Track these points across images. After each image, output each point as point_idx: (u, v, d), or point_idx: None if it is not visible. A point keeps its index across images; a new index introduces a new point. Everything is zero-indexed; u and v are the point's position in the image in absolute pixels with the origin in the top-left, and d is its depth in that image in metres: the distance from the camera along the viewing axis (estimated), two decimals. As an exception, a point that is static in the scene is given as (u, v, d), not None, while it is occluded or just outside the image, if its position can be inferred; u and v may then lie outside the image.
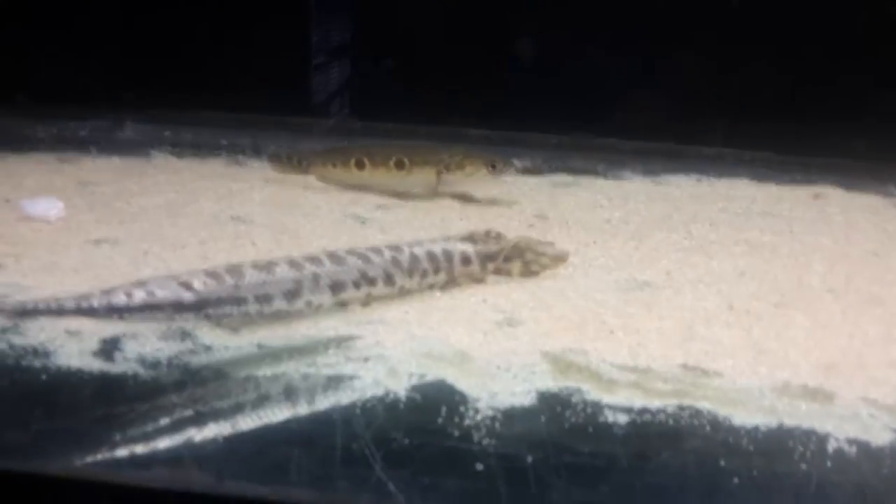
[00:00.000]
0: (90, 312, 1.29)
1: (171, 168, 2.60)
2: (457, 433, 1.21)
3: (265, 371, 1.35)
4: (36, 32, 3.18)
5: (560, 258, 1.77)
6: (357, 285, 1.52)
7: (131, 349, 1.39)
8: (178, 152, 2.79)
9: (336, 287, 1.50)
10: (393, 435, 1.20)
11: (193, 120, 3.17)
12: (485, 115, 3.13)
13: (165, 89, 3.27)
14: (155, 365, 1.35)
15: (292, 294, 1.45)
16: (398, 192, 2.37)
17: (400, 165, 2.35)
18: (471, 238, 1.71)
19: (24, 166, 2.49)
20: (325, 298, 1.50)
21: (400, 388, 1.31)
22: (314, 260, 1.49)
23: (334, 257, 1.51)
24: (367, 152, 2.39)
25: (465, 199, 2.39)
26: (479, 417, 1.25)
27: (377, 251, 1.57)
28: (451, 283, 1.68)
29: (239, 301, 1.40)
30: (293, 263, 1.47)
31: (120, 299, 1.29)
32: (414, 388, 1.32)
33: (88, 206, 2.11)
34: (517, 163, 2.51)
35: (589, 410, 1.28)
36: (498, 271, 1.74)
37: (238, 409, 1.26)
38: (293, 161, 2.45)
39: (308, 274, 1.46)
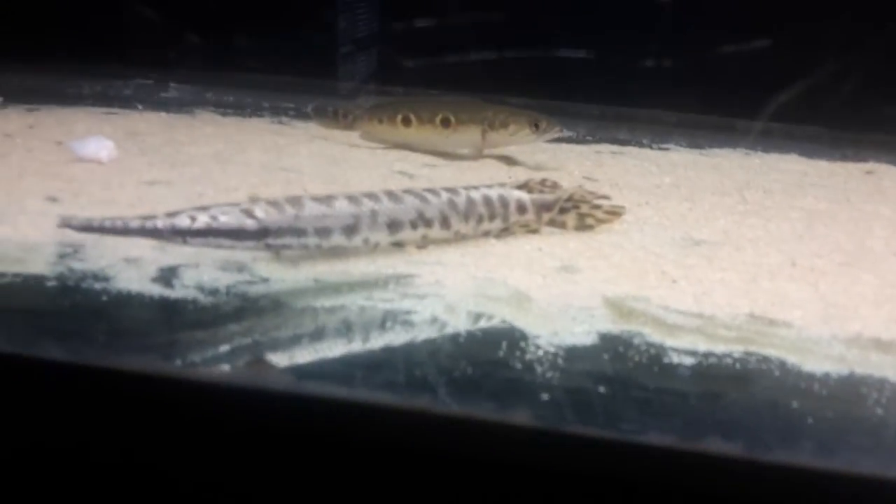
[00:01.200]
0: (154, 234, 1.28)
1: (217, 123, 2.60)
2: (519, 366, 1.19)
3: (323, 303, 1.34)
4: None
5: (616, 212, 1.74)
6: (414, 225, 1.51)
7: (190, 277, 1.39)
8: (222, 112, 2.79)
9: (393, 225, 1.48)
10: (453, 365, 1.18)
11: (236, 82, 3.17)
12: (526, 83, 3.09)
13: (209, 51, 3.28)
14: (213, 292, 1.35)
15: (351, 229, 1.44)
16: (443, 152, 2.35)
17: (446, 123, 2.33)
18: (527, 186, 1.68)
19: (74, 115, 2.50)
20: (383, 237, 1.48)
21: (459, 323, 1.30)
22: (372, 196, 1.48)
23: (392, 196, 1.50)
24: (413, 108, 2.37)
25: (511, 161, 2.37)
26: (540, 353, 1.23)
27: (434, 192, 1.55)
28: (505, 231, 1.66)
29: (299, 232, 1.39)
30: (352, 198, 1.45)
31: (183, 222, 1.29)
32: (473, 325, 1.30)
33: (140, 152, 2.12)
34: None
35: (652, 352, 1.25)
36: (552, 223, 1.71)
37: (296, 338, 1.26)
38: (339, 115, 2.43)
39: (366, 210, 1.45)
